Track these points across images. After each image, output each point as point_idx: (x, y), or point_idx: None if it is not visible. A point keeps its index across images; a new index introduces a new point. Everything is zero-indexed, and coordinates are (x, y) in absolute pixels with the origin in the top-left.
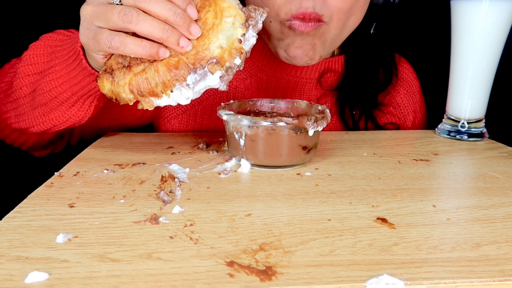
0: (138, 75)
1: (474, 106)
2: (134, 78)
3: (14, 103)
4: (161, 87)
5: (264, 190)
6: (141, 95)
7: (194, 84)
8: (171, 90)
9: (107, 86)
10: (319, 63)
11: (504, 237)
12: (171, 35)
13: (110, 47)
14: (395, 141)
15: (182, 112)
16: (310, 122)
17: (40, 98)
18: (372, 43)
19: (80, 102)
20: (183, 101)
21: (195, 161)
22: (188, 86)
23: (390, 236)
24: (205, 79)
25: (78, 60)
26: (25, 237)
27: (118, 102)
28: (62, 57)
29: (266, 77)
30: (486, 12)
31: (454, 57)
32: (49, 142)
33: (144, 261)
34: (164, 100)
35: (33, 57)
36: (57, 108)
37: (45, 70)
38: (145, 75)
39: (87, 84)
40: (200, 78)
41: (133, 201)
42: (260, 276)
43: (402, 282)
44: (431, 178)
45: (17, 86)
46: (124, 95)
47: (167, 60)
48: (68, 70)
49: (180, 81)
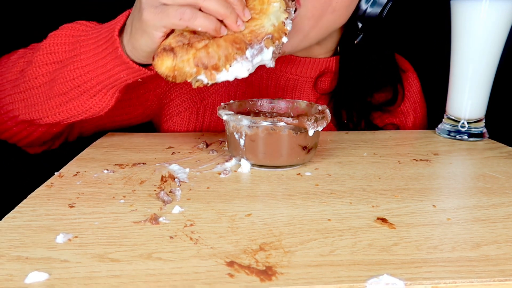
0: (201, 50)
1: (474, 106)
2: (197, 52)
3: (25, 93)
4: (223, 60)
5: (264, 190)
6: (205, 67)
7: (252, 57)
8: (231, 64)
9: (167, 63)
10: (318, 63)
11: (504, 237)
12: (232, 12)
13: (182, 19)
14: (395, 141)
15: (184, 110)
16: (310, 122)
17: (60, 87)
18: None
19: (103, 92)
20: (243, 73)
21: (195, 161)
22: (247, 59)
23: (390, 236)
24: (261, 54)
25: (112, 48)
26: (25, 237)
27: (174, 80)
28: (89, 45)
29: (266, 75)
30: (486, 12)
31: (454, 57)
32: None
33: (144, 261)
34: (223, 75)
35: (53, 46)
36: (77, 97)
37: (68, 59)
38: (207, 50)
39: (116, 73)
40: (257, 53)
41: (133, 201)
42: (260, 276)
43: (402, 282)
44: (431, 178)
45: (32, 75)
46: (188, 68)
47: (226, 37)
48: (97, 59)
49: (240, 54)
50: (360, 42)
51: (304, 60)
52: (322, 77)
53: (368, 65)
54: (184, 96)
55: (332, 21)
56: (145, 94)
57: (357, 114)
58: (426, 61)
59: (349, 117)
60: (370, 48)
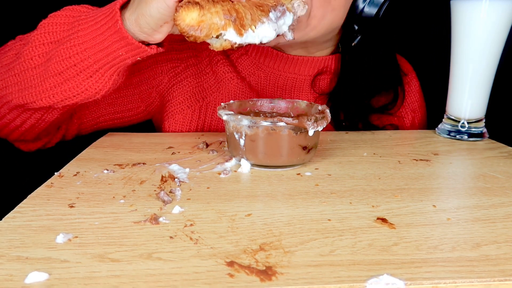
0: (229, 6)
1: (474, 106)
2: (225, 7)
3: (19, 75)
4: (249, 19)
5: (264, 190)
6: (234, 21)
7: (276, 19)
8: (255, 25)
9: (194, 14)
10: (316, 61)
11: (504, 237)
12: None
13: None
14: (395, 141)
15: (186, 108)
16: (310, 122)
17: (55, 67)
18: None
19: (100, 73)
20: (271, 33)
21: (195, 161)
22: (271, 20)
23: (390, 236)
24: (284, 16)
25: (112, 22)
26: (25, 237)
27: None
28: (87, 23)
29: (264, 75)
30: (486, 12)
31: (454, 57)
32: (44, 132)
33: (144, 261)
34: (250, 35)
35: (52, 26)
36: (73, 78)
37: (65, 37)
38: (235, 6)
39: (115, 50)
40: (280, 15)
41: (133, 201)
42: (260, 276)
43: (402, 282)
44: (431, 178)
45: (28, 56)
46: (216, 19)
47: (249, 1)
48: (95, 35)
49: (264, 15)
50: (358, 44)
51: (302, 58)
52: (320, 76)
53: (368, 67)
54: (186, 94)
55: (332, 20)
56: (148, 91)
57: (355, 115)
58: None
59: (347, 118)
60: (369, 50)
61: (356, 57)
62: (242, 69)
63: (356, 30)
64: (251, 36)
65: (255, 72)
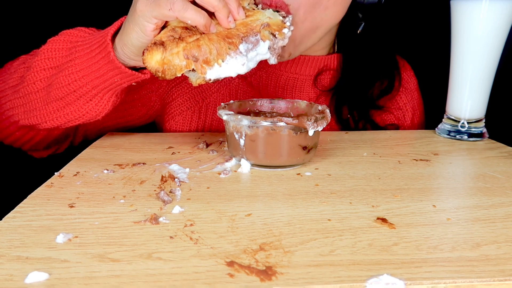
0: (192, 43)
1: (474, 106)
2: (187, 45)
3: (24, 98)
4: (215, 54)
5: (264, 190)
6: (195, 60)
7: (247, 52)
8: (223, 59)
9: (157, 57)
10: (317, 60)
11: (504, 237)
12: (224, 6)
13: (171, 9)
14: (395, 141)
15: (186, 109)
16: (310, 122)
17: (57, 92)
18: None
19: (99, 97)
20: (240, 68)
21: (195, 161)
22: (241, 54)
23: (390, 236)
24: (256, 47)
25: (104, 53)
26: (25, 237)
27: (163, 77)
28: (84, 50)
29: (265, 75)
30: (486, 12)
31: (454, 57)
32: (54, 142)
33: (144, 261)
34: (216, 69)
35: (51, 51)
36: (74, 102)
37: (64, 64)
38: (198, 43)
39: (110, 78)
40: (252, 47)
41: (133, 201)
42: (260, 276)
43: (402, 282)
44: (431, 178)
45: (31, 80)
46: (177, 61)
47: (219, 32)
48: (91, 63)
49: (233, 49)
50: (363, 31)
51: (303, 58)
52: (321, 75)
53: (369, 56)
54: (186, 95)
55: (326, 19)
56: (148, 95)
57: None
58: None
59: (351, 113)
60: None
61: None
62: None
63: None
64: (217, 70)
65: (256, 72)
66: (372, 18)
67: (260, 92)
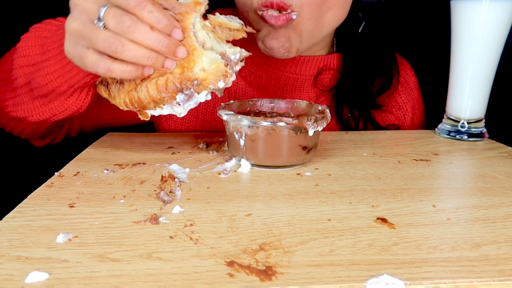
0: (132, 92)
1: (474, 106)
2: (127, 95)
3: (13, 92)
4: (153, 105)
5: (264, 190)
6: (136, 109)
7: (184, 102)
8: (162, 107)
9: (105, 95)
10: (317, 60)
11: (504, 237)
12: (155, 61)
13: (97, 72)
14: (395, 141)
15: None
16: (310, 122)
17: (38, 91)
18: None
19: (77, 93)
20: (178, 115)
21: (195, 161)
22: (178, 104)
23: (390, 236)
24: (192, 98)
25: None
26: (25, 237)
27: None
28: (53, 51)
29: (265, 75)
30: (486, 12)
31: (454, 57)
32: (48, 132)
33: (144, 261)
34: (158, 112)
35: (25, 49)
36: (56, 99)
37: (39, 63)
38: (137, 95)
39: (83, 77)
40: (188, 98)
41: (133, 201)
42: (260, 276)
43: (402, 282)
44: (431, 178)
45: (14, 76)
46: (121, 108)
47: (156, 81)
48: (63, 65)
49: (169, 101)
50: (363, 30)
51: (302, 58)
52: (321, 75)
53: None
54: None
55: (334, 18)
56: None
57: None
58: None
59: (351, 113)
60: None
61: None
62: (243, 68)
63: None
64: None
65: (256, 72)
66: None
67: (260, 92)
